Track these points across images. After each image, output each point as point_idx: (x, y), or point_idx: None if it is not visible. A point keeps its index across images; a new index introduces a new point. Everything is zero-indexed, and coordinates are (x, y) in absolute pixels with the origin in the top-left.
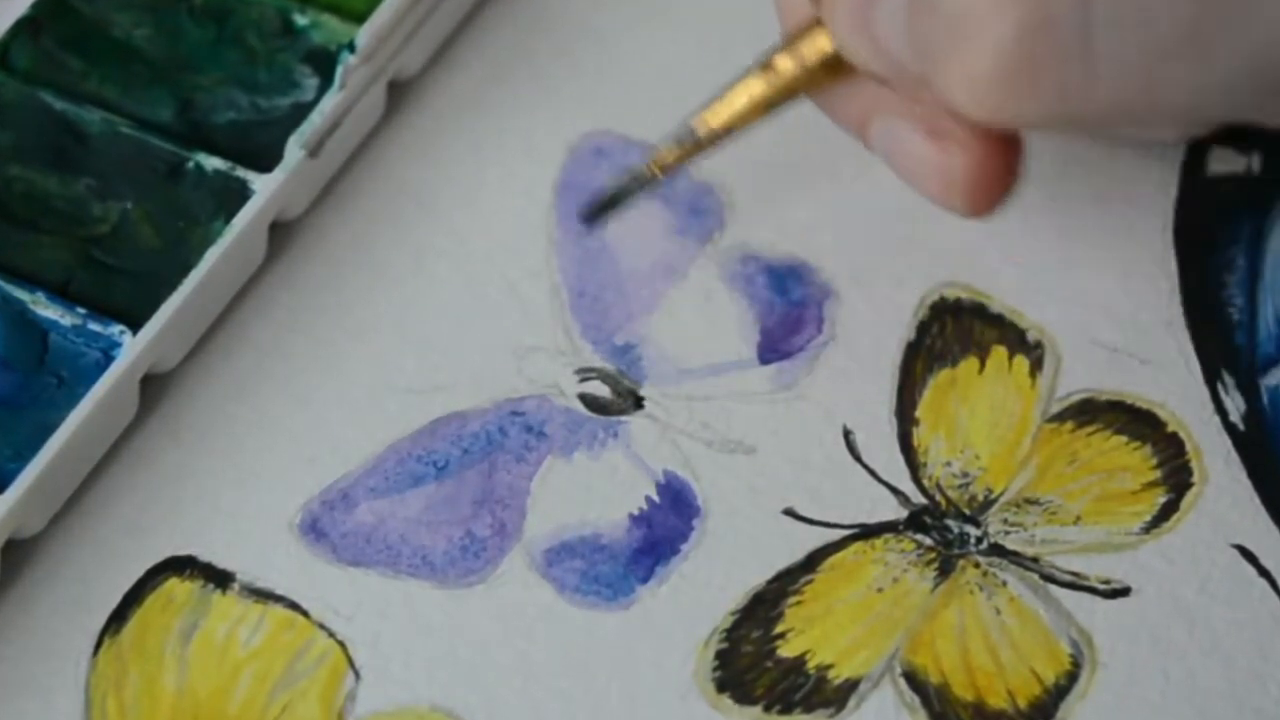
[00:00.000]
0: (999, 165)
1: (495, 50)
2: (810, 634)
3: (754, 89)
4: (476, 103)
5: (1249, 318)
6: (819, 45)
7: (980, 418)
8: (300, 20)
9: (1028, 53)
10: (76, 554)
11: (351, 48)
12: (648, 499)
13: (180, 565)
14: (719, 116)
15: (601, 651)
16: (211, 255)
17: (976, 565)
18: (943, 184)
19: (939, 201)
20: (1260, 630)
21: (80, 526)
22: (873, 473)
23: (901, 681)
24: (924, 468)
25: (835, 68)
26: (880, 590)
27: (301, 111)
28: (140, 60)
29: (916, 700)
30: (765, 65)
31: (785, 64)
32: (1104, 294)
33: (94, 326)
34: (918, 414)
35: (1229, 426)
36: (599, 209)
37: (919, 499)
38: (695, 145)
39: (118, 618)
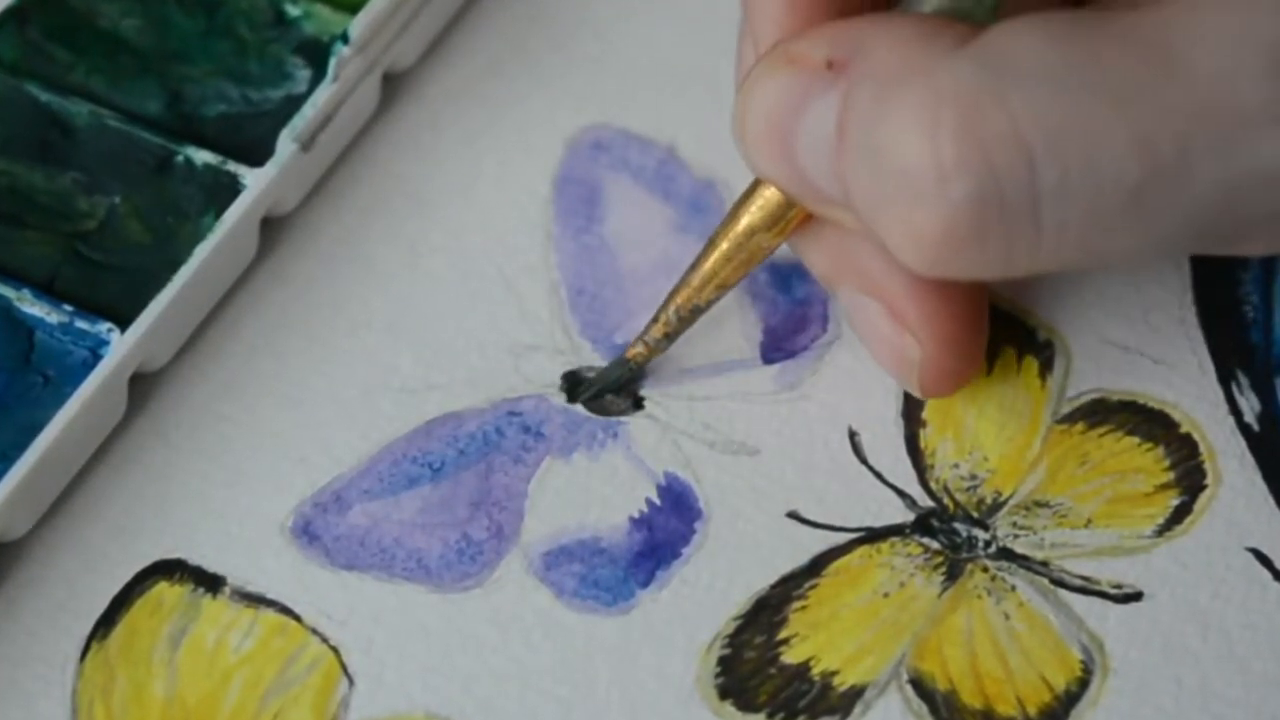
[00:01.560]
0: (954, 363)
1: (492, 42)
2: (815, 640)
3: (722, 252)
4: (473, 95)
5: (1264, 316)
6: (769, 203)
7: (989, 419)
8: (292, 10)
9: (976, 221)
10: (63, 557)
11: (345, 39)
12: (648, 501)
13: (169, 569)
14: (693, 290)
15: (601, 657)
16: (201, 251)
17: (985, 569)
18: (900, 367)
19: (894, 378)
20: (1276, 635)
21: (67, 529)
22: (879, 475)
23: (908, 688)
24: (931, 470)
25: (788, 223)
26: (886, 595)
27: (293, 104)
28: (128, 51)
29: (924, 708)
30: (726, 228)
31: (746, 221)
32: (1115, 292)
33: (81, 324)
34: (925, 415)
35: (1244, 427)
36: (589, 394)
37: (926, 502)
38: (678, 323)
39: (105, 622)
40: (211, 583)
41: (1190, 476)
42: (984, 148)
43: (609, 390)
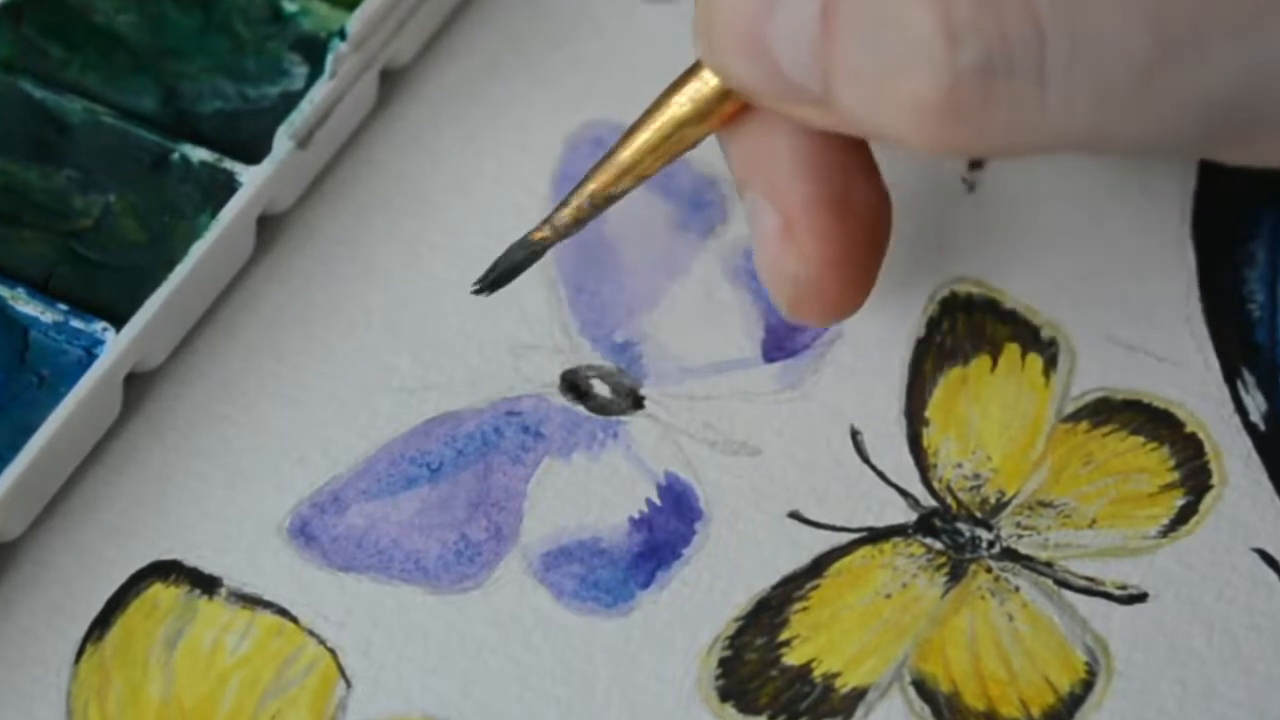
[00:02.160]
0: (834, 290)
1: (491, 38)
2: (816, 641)
3: (644, 140)
4: (471, 92)
5: (1270, 314)
6: (704, 79)
7: (992, 418)
8: (289, 6)
9: (981, 88)
10: (58, 558)
11: (342, 35)
12: (648, 502)
13: (165, 570)
14: (611, 175)
15: (600, 659)
16: (197, 250)
17: (988, 570)
18: (774, 279)
19: (769, 288)
20: None
21: (62, 530)
22: (881, 474)
23: (911, 690)
24: (934, 469)
25: (725, 108)
26: (889, 596)
27: (290, 101)
28: (124, 48)
29: (926, 710)
30: (652, 113)
31: (674, 110)
32: (1120, 290)
33: (76, 323)
34: (927, 414)
35: (1249, 426)
36: (492, 281)
37: (929, 502)
38: (591, 207)
39: (100, 624)
40: (208, 584)
41: (1195, 476)
42: (995, 15)
43: (510, 275)
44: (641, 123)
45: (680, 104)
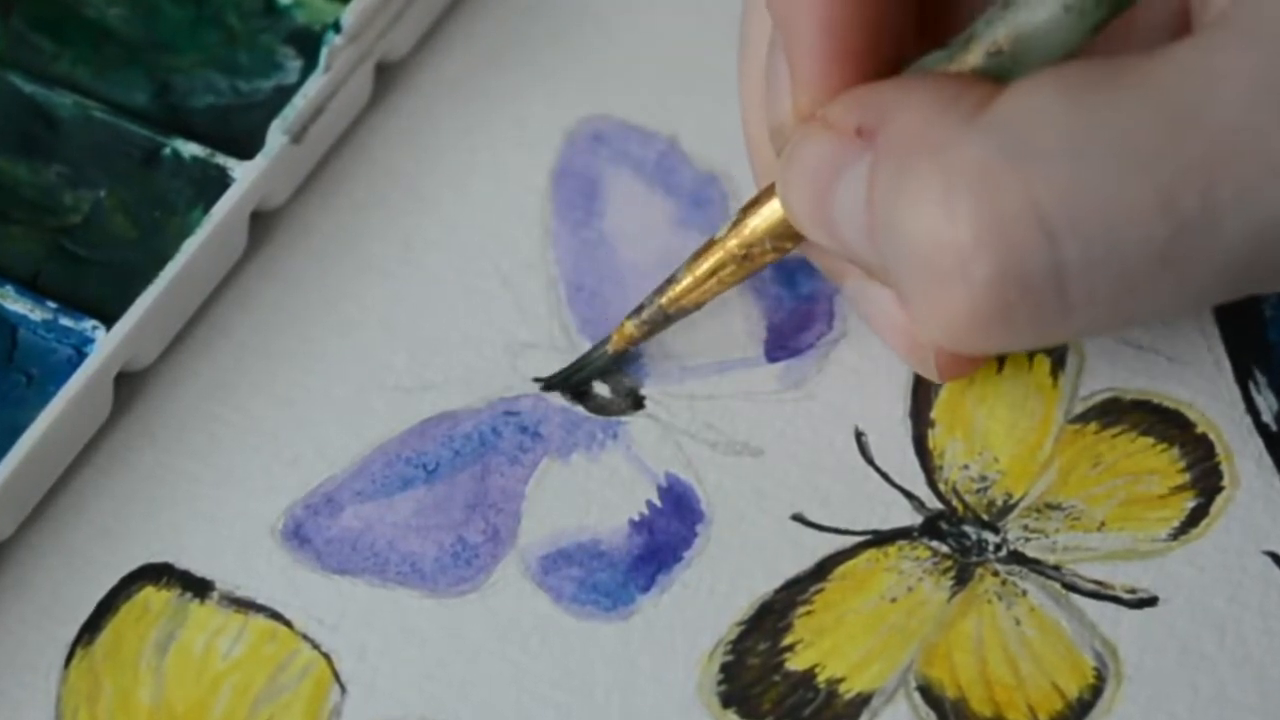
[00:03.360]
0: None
1: (488, 30)
2: (820, 646)
3: (718, 260)
4: (469, 86)
5: None
6: (778, 215)
7: (999, 419)
8: None
9: (1001, 301)
10: (47, 561)
11: (337, 28)
12: (649, 503)
13: (156, 573)
14: (685, 290)
15: (600, 664)
16: (189, 246)
17: (995, 573)
18: (913, 352)
19: (909, 364)
20: None
21: (51, 532)
22: (886, 476)
23: (916, 696)
24: (940, 471)
25: (798, 236)
26: (894, 600)
27: (284, 95)
28: (114, 41)
29: (932, 715)
30: (728, 235)
31: (748, 234)
32: None
33: (65, 321)
34: (933, 415)
35: (1261, 427)
36: (562, 382)
37: (934, 504)
38: (663, 320)
39: (91, 628)
40: (200, 587)
41: (1206, 478)
42: (1002, 227)
43: (582, 382)
44: (720, 239)
45: (759, 224)
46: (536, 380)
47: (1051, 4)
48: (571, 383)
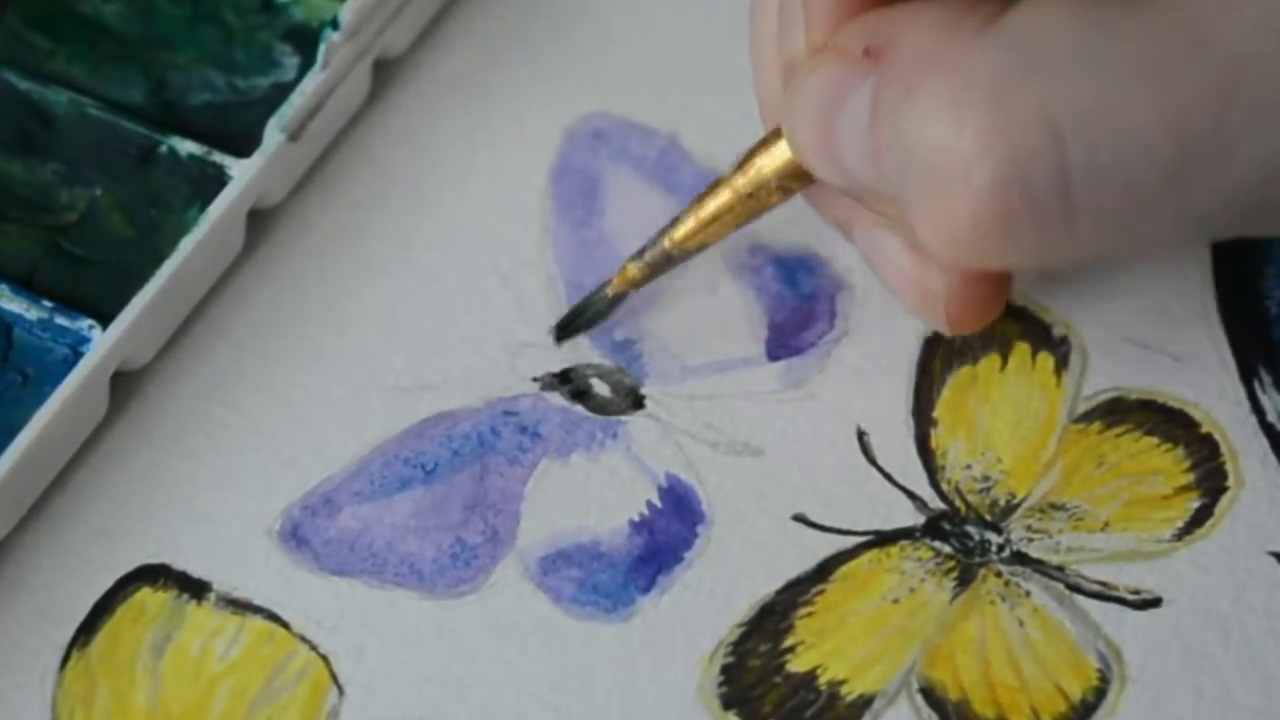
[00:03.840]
0: (982, 292)
1: (487, 27)
2: (822, 647)
3: (723, 202)
4: (467, 83)
5: None
6: (785, 155)
7: (1002, 418)
8: None
9: (1004, 207)
10: (43, 562)
11: (335, 24)
12: (649, 504)
13: (153, 574)
14: (689, 232)
15: (600, 666)
16: (186, 245)
17: (998, 574)
18: (923, 301)
19: (919, 315)
20: None
21: (46, 533)
22: (888, 476)
23: (919, 698)
24: (942, 471)
25: (806, 176)
26: (896, 601)
27: (281, 92)
28: (110, 38)
29: (934, 717)
30: (734, 175)
31: (754, 174)
32: (1134, 287)
33: (61, 321)
34: (936, 414)
35: (1266, 427)
36: (566, 326)
37: (937, 504)
38: (665, 261)
39: (86, 630)
40: (196, 588)
41: (1211, 478)
42: (1009, 131)
43: (587, 325)
44: (725, 179)
45: (765, 164)
46: (554, 329)
47: None
48: (573, 327)
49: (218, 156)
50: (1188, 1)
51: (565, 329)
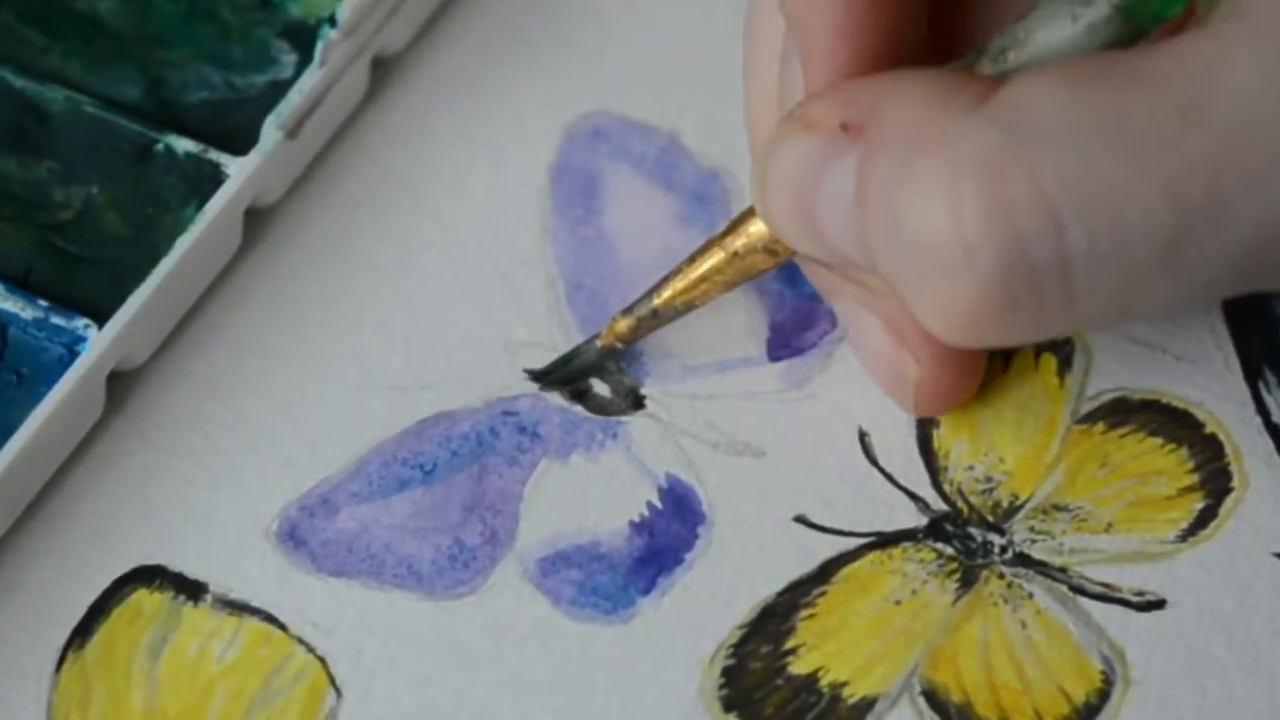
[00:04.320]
0: (954, 381)
1: (487, 25)
2: (823, 649)
3: (712, 264)
4: (466, 81)
5: None
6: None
7: (1005, 419)
8: None
9: (1006, 292)
10: (38, 564)
11: (333, 22)
12: (649, 505)
13: (149, 575)
14: (677, 291)
15: (599, 668)
16: (182, 244)
17: (1001, 576)
18: (895, 384)
19: (889, 395)
20: None
21: (42, 534)
22: (890, 477)
23: (921, 700)
24: (945, 472)
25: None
26: (898, 602)
27: (279, 90)
28: (106, 35)
29: None
30: (724, 239)
31: (743, 241)
32: None
33: (57, 320)
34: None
35: (1271, 427)
36: (550, 376)
37: (939, 505)
38: (654, 319)
39: (82, 631)
40: (193, 590)
41: (1215, 479)
42: (1008, 215)
43: (571, 378)
44: (715, 241)
45: (753, 234)
46: (527, 371)
47: (1069, 24)
48: (556, 377)
49: (215, 154)
50: (1180, 74)
51: (545, 377)
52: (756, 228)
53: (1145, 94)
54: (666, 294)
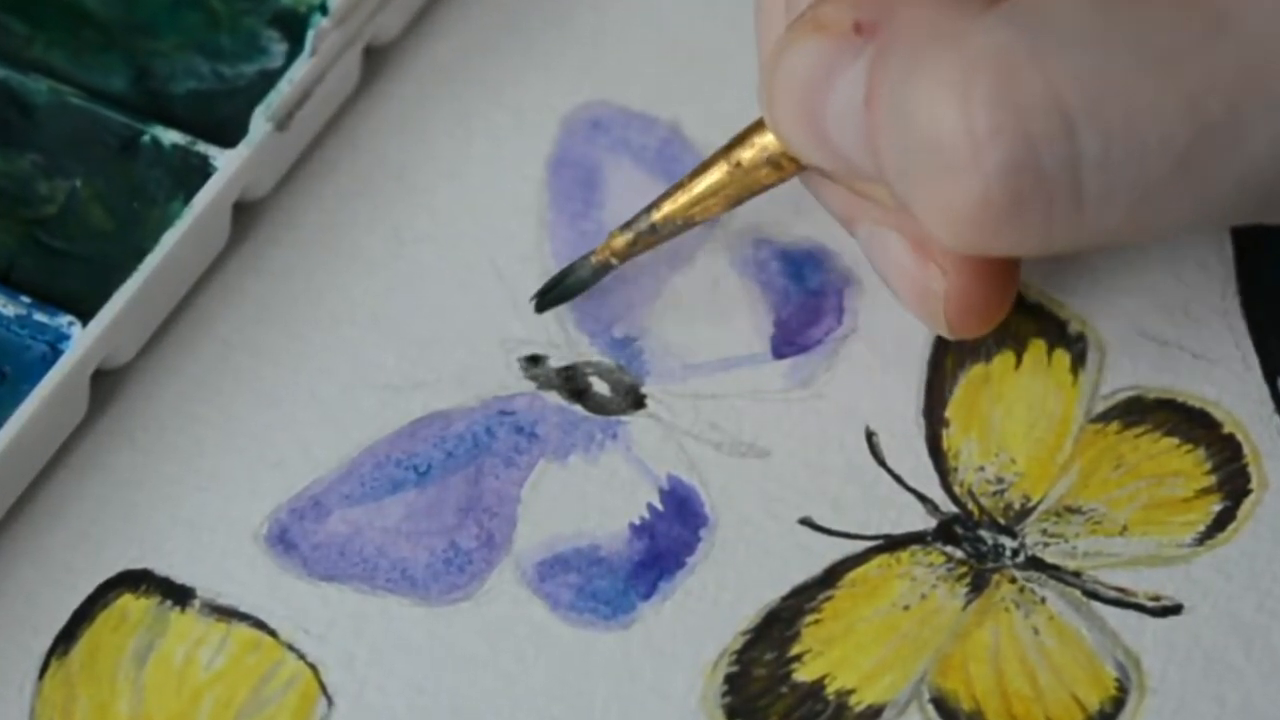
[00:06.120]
0: (985, 294)
1: (481, 13)
2: (829, 656)
3: (715, 179)
4: (461, 71)
5: None
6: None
7: (1017, 418)
8: None
9: (1014, 191)
10: (20, 568)
11: (324, 10)
12: (650, 507)
13: (135, 580)
14: (678, 206)
15: (599, 675)
16: (169, 239)
17: (1012, 580)
18: (922, 301)
19: (918, 316)
20: None
21: (25, 537)
22: (898, 478)
23: (930, 708)
24: (954, 473)
25: (798, 161)
26: (907, 608)
27: (268, 80)
28: (91, 24)
29: None
30: (728, 153)
31: (748, 153)
32: (1153, 282)
33: (40, 317)
34: (948, 414)
35: None
36: (548, 295)
37: (949, 507)
38: (652, 234)
39: (66, 638)
40: (180, 595)
41: (1233, 480)
42: (1019, 114)
43: (565, 297)
44: (718, 155)
45: (759, 146)
46: (531, 300)
47: None
48: (553, 296)
49: (202, 146)
50: None
51: (546, 296)
52: (762, 138)
53: (1168, 3)
54: (666, 209)
